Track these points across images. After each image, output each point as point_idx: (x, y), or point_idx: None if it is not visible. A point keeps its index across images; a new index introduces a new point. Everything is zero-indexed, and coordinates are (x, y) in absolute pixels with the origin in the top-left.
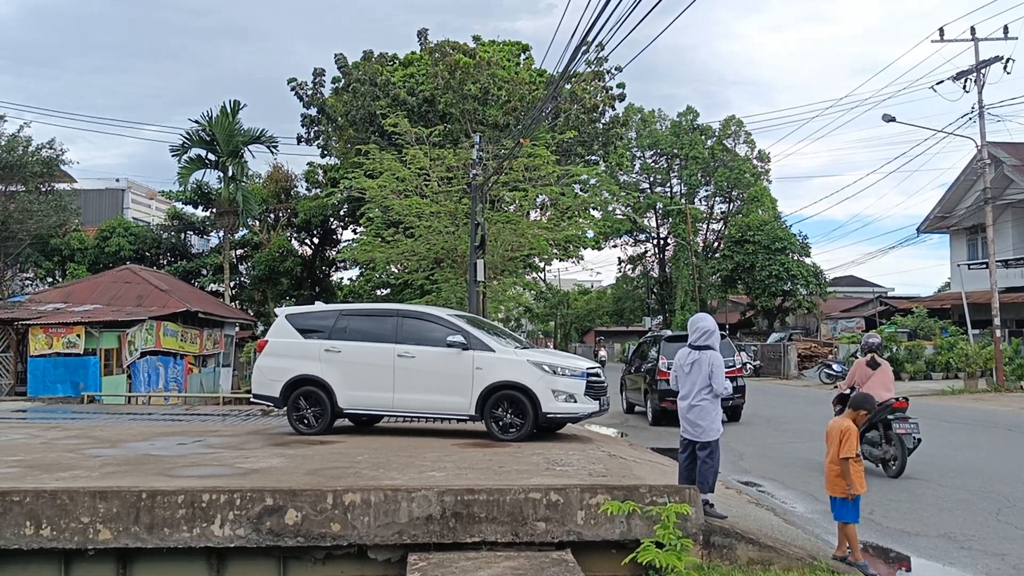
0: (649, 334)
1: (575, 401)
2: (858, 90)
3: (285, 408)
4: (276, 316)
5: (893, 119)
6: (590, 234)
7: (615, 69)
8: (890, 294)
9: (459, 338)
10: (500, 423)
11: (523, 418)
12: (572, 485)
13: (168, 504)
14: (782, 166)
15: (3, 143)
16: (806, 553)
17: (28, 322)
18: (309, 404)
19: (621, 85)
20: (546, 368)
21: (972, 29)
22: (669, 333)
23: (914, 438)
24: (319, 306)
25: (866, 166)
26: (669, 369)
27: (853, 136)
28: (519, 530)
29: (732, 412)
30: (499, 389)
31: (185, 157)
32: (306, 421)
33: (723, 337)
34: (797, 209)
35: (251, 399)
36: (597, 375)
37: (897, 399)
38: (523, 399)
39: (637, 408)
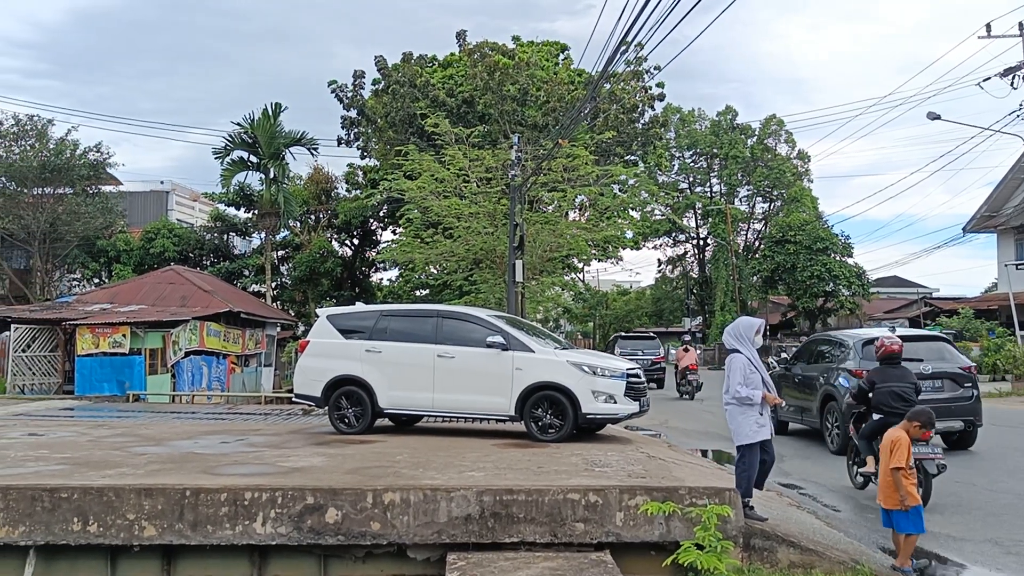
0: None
1: (615, 402)
2: (901, 88)
3: (326, 408)
4: (317, 316)
5: (938, 117)
6: (629, 234)
7: (654, 69)
8: (935, 295)
9: (499, 339)
10: (540, 423)
11: (563, 419)
12: (611, 486)
13: (211, 502)
14: (823, 165)
15: (52, 147)
16: (849, 557)
17: (75, 322)
18: (350, 404)
19: (660, 85)
20: (586, 369)
21: (1020, 25)
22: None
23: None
24: (360, 307)
25: (910, 165)
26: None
27: (896, 135)
28: (558, 531)
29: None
30: (539, 390)
31: (228, 159)
32: (347, 421)
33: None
34: (839, 209)
35: (293, 399)
36: (637, 376)
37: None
38: (563, 400)
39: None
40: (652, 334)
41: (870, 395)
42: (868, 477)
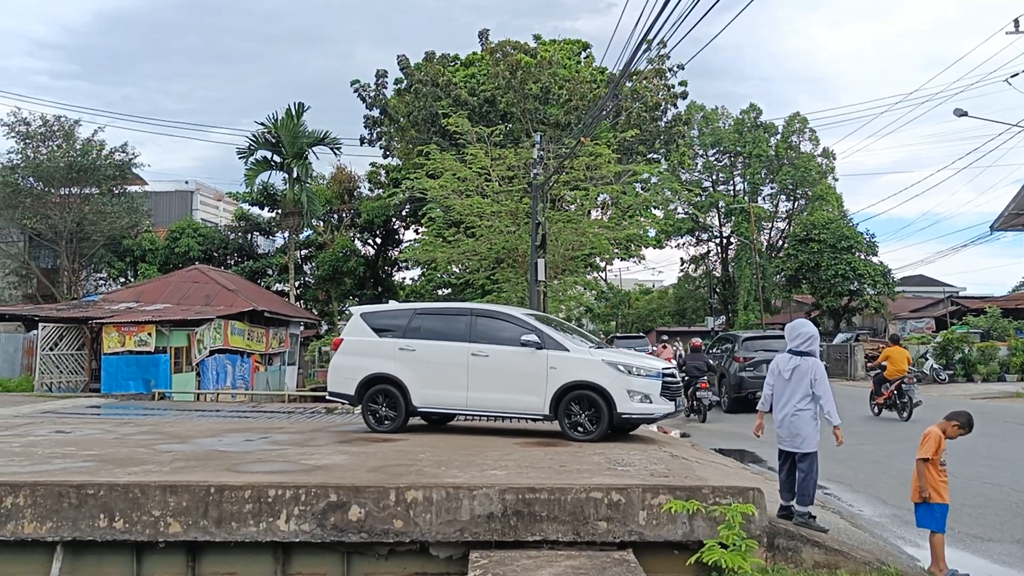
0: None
1: (650, 402)
2: (927, 85)
3: (359, 406)
4: (350, 314)
5: (965, 113)
6: (651, 233)
7: (677, 67)
8: (961, 294)
9: (533, 337)
10: (574, 423)
11: (598, 418)
12: (634, 485)
13: (235, 499)
14: (848, 163)
15: (78, 147)
16: (874, 557)
17: (102, 321)
18: (384, 402)
19: (683, 83)
20: (621, 368)
21: None
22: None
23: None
24: (393, 305)
25: (936, 162)
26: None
27: (922, 132)
28: (580, 529)
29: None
30: (573, 389)
31: (251, 159)
32: (380, 419)
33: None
34: (864, 207)
35: (327, 396)
36: (672, 376)
37: None
38: (598, 399)
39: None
40: (641, 334)
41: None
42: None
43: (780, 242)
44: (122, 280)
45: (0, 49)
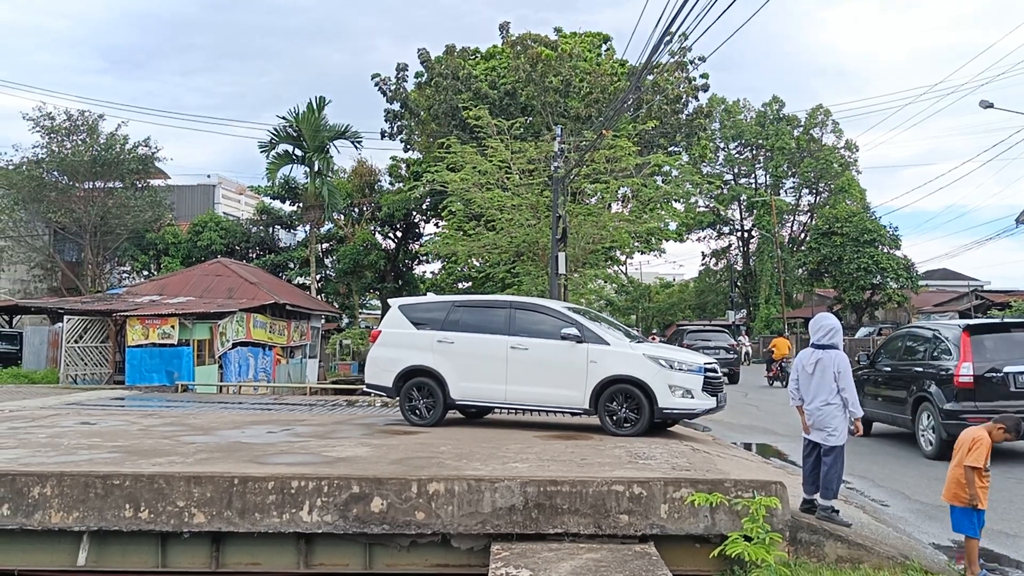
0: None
1: (692, 397)
2: (952, 76)
3: (397, 398)
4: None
5: (991, 105)
6: (672, 226)
7: (698, 59)
8: (986, 287)
9: (573, 331)
10: (614, 418)
11: (638, 413)
12: (655, 478)
13: (259, 490)
14: (871, 156)
15: (102, 142)
16: (898, 552)
17: (126, 314)
18: (422, 395)
19: (705, 75)
20: (663, 363)
21: None
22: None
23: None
24: (431, 297)
25: (961, 155)
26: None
27: (948, 124)
28: (602, 522)
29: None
30: (614, 383)
31: (273, 153)
32: (418, 412)
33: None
34: (887, 200)
35: (364, 388)
36: (714, 371)
37: None
38: (638, 394)
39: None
40: (637, 328)
41: None
42: None
43: (802, 235)
44: (145, 273)
45: (26, 45)
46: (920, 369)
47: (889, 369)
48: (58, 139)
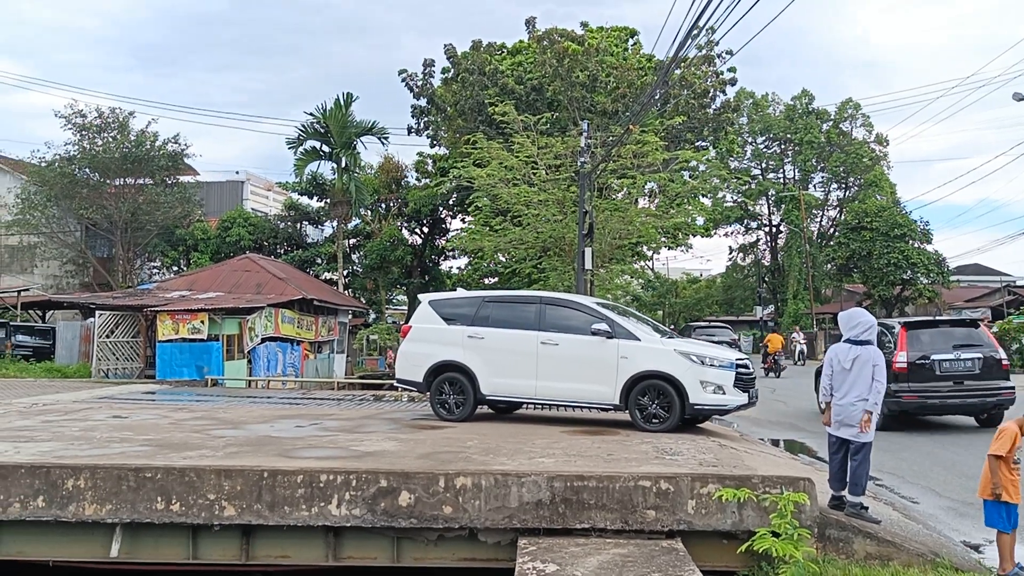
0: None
1: (724, 393)
2: (984, 69)
3: (428, 393)
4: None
5: None
6: (699, 221)
7: (726, 53)
8: (1019, 283)
9: (604, 326)
10: (645, 413)
11: (669, 409)
12: (683, 474)
13: (288, 484)
14: (902, 150)
15: (132, 139)
16: (927, 549)
17: (156, 309)
18: (452, 390)
19: (732, 69)
20: (694, 358)
21: None
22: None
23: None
24: (461, 292)
25: (994, 148)
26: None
27: (980, 117)
28: (628, 518)
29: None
30: (645, 379)
31: (301, 149)
32: (448, 407)
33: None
34: (918, 194)
35: (394, 383)
36: (746, 366)
37: None
38: (670, 390)
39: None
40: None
41: None
42: None
43: (831, 230)
44: (175, 269)
45: (59, 43)
46: None
47: None
48: (89, 136)
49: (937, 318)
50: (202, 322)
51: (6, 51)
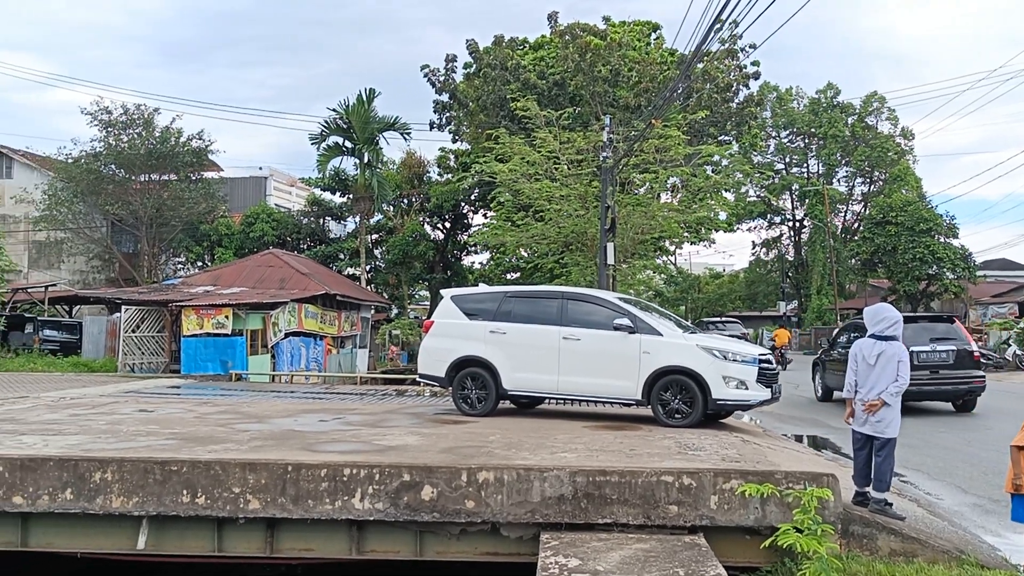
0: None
1: (746, 388)
2: (1012, 61)
3: (450, 388)
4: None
5: None
6: (722, 216)
7: (749, 47)
8: None
9: (626, 321)
10: (667, 408)
11: (691, 404)
12: (705, 469)
13: (312, 477)
14: (928, 143)
15: (157, 135)
16: (953, 546)
17: (181, 304)
18: (474, 385)
19: (756, 63)
20: (716, 353)
21: None
22: (709, 320)
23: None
24: (483, 288)
25: (1022, 142)
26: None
27: (1007, 110)
28: (651, 513)
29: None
30: (667, 374)
31: (323, 145)
32: (470, 401)
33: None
34: (944, 188)
35: (417, 378)
36: (769, 362)
37: None
38: (692, 385)
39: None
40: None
41: None
42: None
43: (855, 225)
44: (199, 264)
45: (86, 40)
46: None
47: (840, 350)
48: (115, 133)
49: (916, 314)
50: (226, 317)
51: (36, 48)
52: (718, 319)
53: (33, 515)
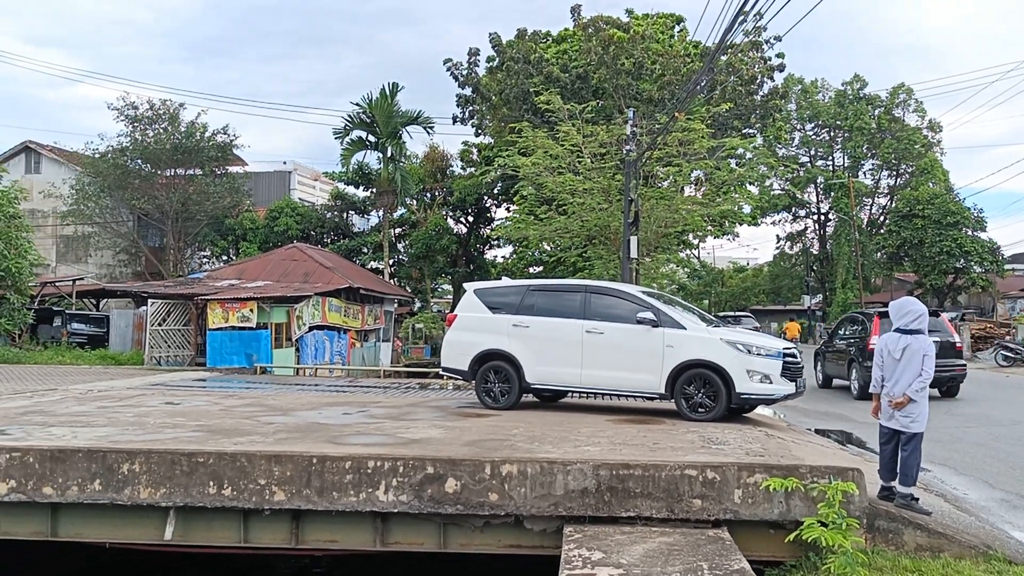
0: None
1: (770, 382)
2: None
3: (473, 381)
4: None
5: None
6: (746, 210)
7: (774, 39)
8: None
9: (649, 315)
10: (691, 402)
11: (715, 398)
12: (729, 463)
13: (337, 469)
14: (956, 136)
15: (183, 130)
16: (980, 542)
17: (206, 297)
18: (497, 378)
19: (780, 55)
20: (740, 347)
21: None
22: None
23: None
24: (506, 281)
25: None
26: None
27: None
28: (674, 506)
29: None
30: (690, 368)
31: (347, 139)
32: (493, 395)
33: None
34: (972, 181)
35: (440, 371)
36: (793, 355)
37: None
38: (716, 379)
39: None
40: (748, 313)
41: None
42: None
43: (881, 218)
44: (224, 258)
45: (113, 36)
46: (853, 341)
47: (838, 342)
48: (141, 128)
49: None
50: (251, 310)
51: (63, 44)
52: (731, 314)
53: (63, 505)
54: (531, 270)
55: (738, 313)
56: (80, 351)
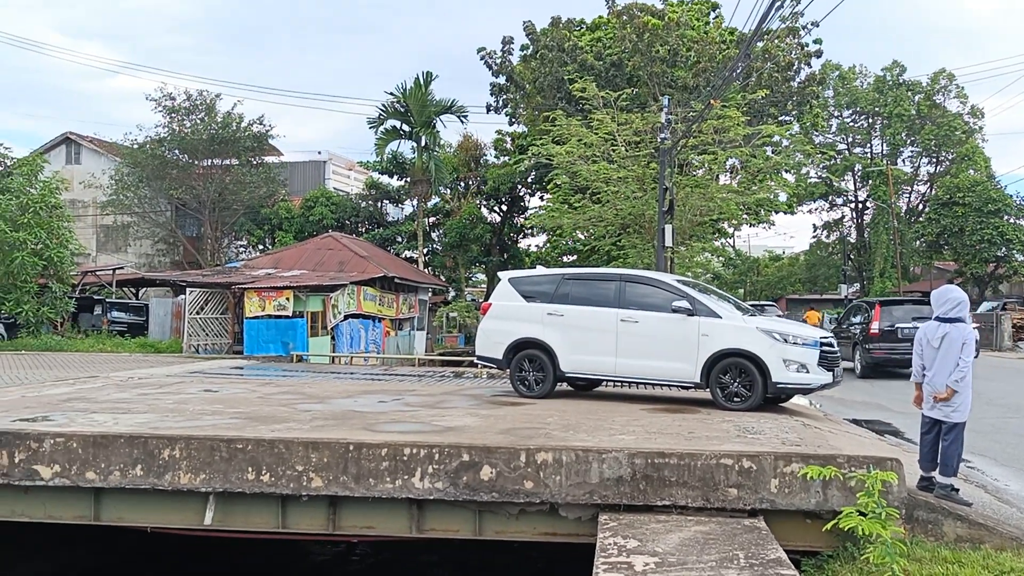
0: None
1: (807, 371)
2: None
3: (507, 370)
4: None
5: None
6: (782, 198)
7: (811, 24)
8: None
9: (684, 304)
10: (726, 392)
11: (751, 388)
12: (765, 452)
13: (373, 456)
14: (999, 121)
15: (219, 120)
16: (1021, 533)
17: (243, 286)
18: (532, 367)
19: (818, 41)
20: (777, 336)
21: None
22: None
23: None
24: (540, 270)
25: None
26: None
27: None
28: (710, 495)
29: None
30: (726, 356)
31: (381, 129)
32: (527, 383)
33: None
34: (1015, 168)
35: (475, 359)
36: (831, 345)
37: None
38: (752, 368)
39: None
40: (772, 302)
41: None
42: None
43: (920, 206)
44: (260, 247)
45: (151, 28)
46: (858, 326)
47: (848, 328)
48: (178, 119)
49: (903, 298)
50: (287, 299)
51: (102, 36)
52: (757, 303)
53: (105, 490)
54: (565, 259)
55: (762, 303)
56: (120, 339)
